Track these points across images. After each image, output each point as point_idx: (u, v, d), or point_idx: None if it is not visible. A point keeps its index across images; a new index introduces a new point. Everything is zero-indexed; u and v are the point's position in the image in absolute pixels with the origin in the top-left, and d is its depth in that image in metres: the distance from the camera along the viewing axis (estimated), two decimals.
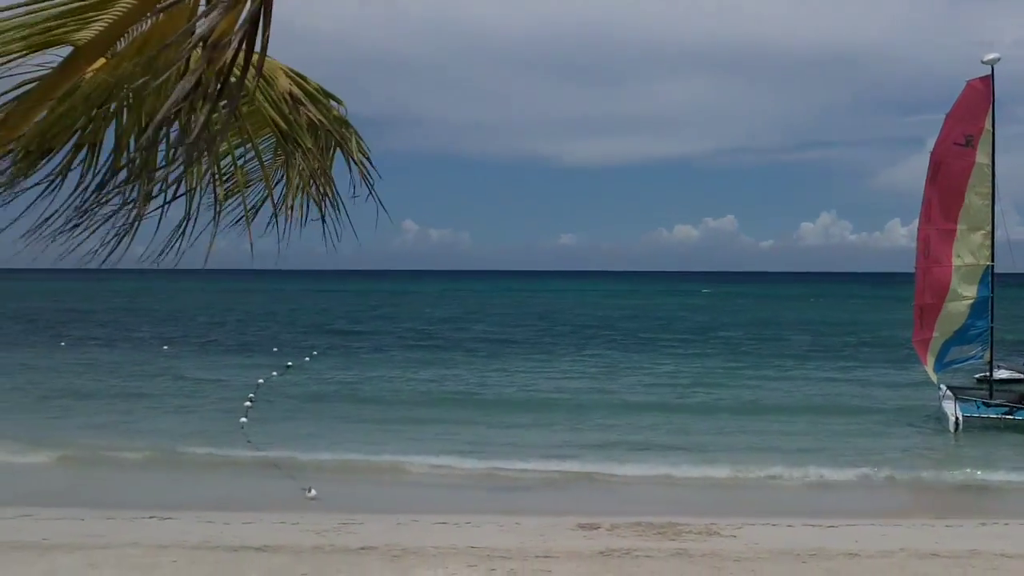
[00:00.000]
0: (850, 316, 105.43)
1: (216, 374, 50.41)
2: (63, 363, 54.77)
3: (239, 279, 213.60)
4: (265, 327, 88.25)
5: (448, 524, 19.89)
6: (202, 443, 30.18)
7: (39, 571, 15.56)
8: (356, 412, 37.78)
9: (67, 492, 23.21)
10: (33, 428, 32.07)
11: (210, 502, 21.94)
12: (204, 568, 15.89)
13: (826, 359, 58.45)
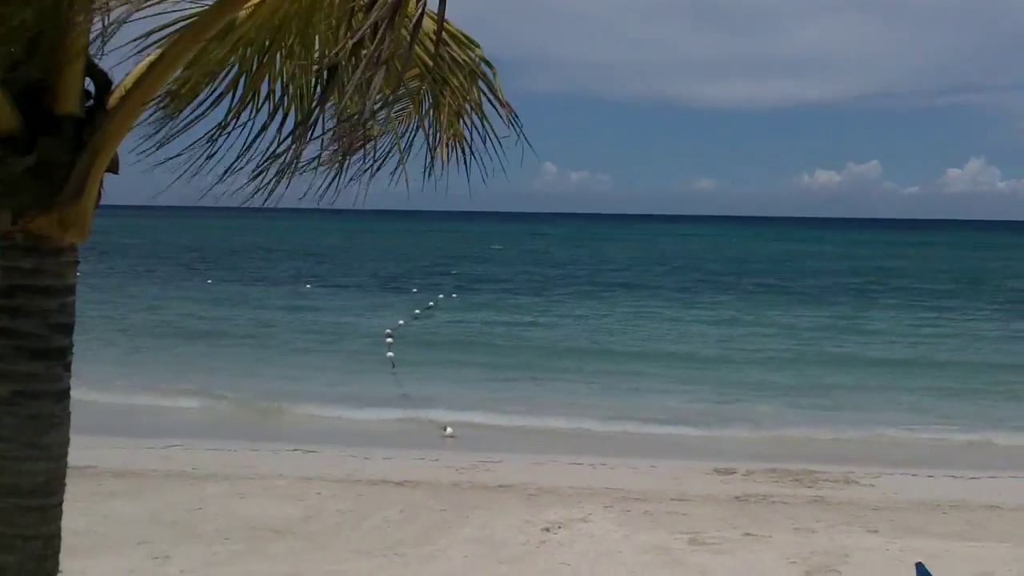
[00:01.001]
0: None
1: (357, 312, 51.28)
2: (209, 299, 56.26)
3: (370, 219, 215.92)
4: (406, 267, 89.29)
5: (583, 465, 20.08)
6: (341, 380, 30.85)
7: (190, 498, 16.17)
8: (492, 353, 38.11)
9: (214, 425, 23.92)
10: (179, 365, 33.09)
11: (351, 437, 22.45)
12: (346, 501, 16.34)
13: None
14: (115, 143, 5.62)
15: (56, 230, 5.49)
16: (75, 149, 5.49)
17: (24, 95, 5.40)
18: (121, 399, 25.30)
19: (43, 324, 5.54)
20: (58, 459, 5.69)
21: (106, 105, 5.65)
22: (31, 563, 5.61)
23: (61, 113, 5.46)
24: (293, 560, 13.08)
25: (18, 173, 5.38)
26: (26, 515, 5.58)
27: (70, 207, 5.46)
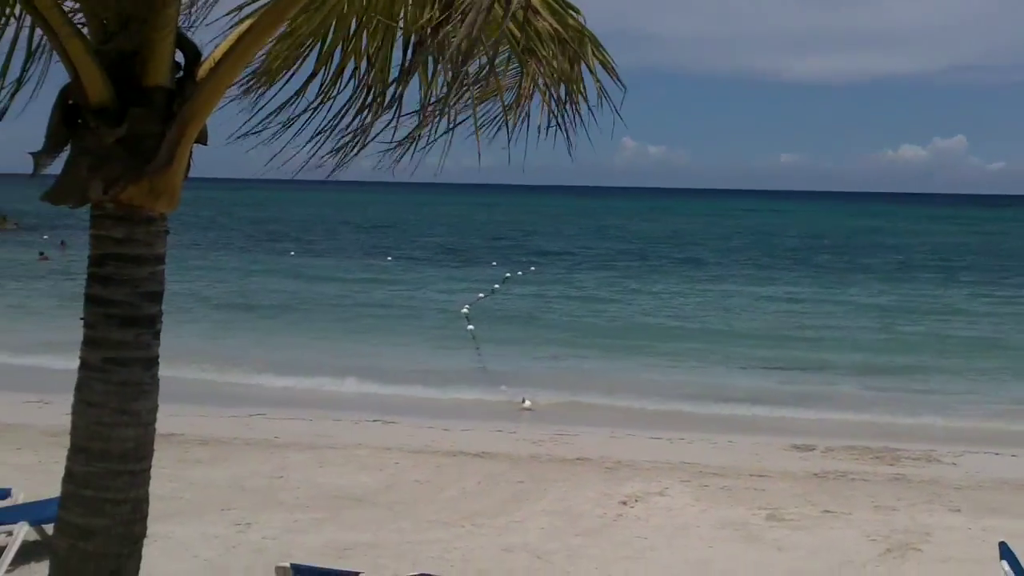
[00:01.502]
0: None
1: (436, 286, 51.57)
2: (290, 272, 56.82)
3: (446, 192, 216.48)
4: (484, 241, 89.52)
5: (661, 440, 20.06)
6: (420, 352, 31.04)
7: (272, 466, 16.39)
8: (568, 327, 38.14)
9: (295, 395, 24.18)
10: (259, 337, 33.48)
11: (430, 409, 22.60)
12: (425, 470, 16.47)
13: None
14: (204, 114, 5.69)
15: (146, 200, 5.57)
16: (165, 120, 5.56)
17: (116, 66, 5.47)
18: (206, 369, 25.65)
19: (133, 292, 5.63)
20: (147, 425, 5.79)
21: (195, 77, 5.72)
22: (120, 526, 5.72)
23: (152, 84, 5.53)
24: (373, 529, 13.21)
25: (109, 144, 5.46)
26: (116, 479, 5.69)
27: (160, 177, 5.54)
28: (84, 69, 5.37)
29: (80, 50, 5.34)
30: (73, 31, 5.33)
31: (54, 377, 23.14)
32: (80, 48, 5.34)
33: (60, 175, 5.67)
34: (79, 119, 5.57)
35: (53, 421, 18.67)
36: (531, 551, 12.52)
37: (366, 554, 12.08)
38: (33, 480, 14.02)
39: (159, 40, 5.46)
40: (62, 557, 5.74)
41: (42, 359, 25.82)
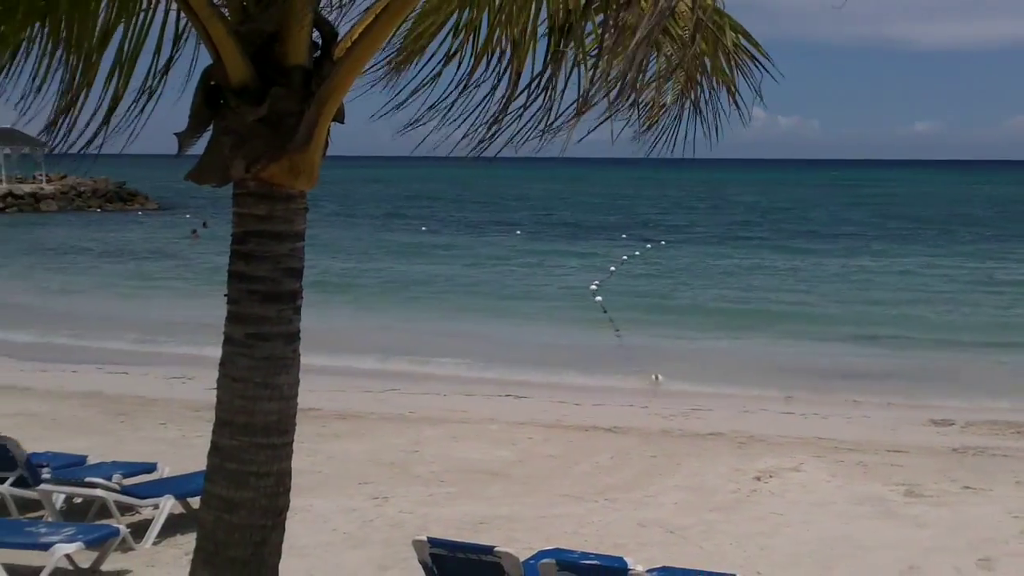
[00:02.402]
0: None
1: (565, 259, 51.64)
2: (422, 247, 57.39)
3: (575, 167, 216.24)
4: (615, 216, 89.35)
5: (794, 414, 19.82)
6: (550, 327, 31.11)
7: (407, 440, 16.59)
8: (700, 301, 37.88)
9: (427, 370, 24.39)
10: (392, 312, 33.90)
11: (562, 382, 22.63)
12: (557, 445, 16.51)
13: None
14: (341, 93, 5.77)
15: (286, 177, 5.67)
16: (304, 99, 5.65)
17: (256, 48, 5.58)
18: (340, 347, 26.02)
19: (275, 268, 5.75)
20: (289, 399, 5.91)
21: (333, 56, 5.80)
22: (264, 499, 5.86)
23: (290, 64, 5.62)
24: (507, 502, 13.29)
25: (250, 123, 5.57)
26: (259, 452, 5.82)
27: (299, 155, 5.64)
28: (225, 51, 5.49)
29: (221, 32, 5.45)
30: (215, 14, 5.45)
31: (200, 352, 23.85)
32: (221, 30, 5.45)
33: (203, 155, 5.81)
34: (221, 100, 5.69)
35: (196, 396, 19.19)
36: (665, 526, 12.47)
37: (500, 528, 12.16)
38: (177, 454, 14.42)
39: (297, 20, 5.55)
40: (209, 528, 5.90)
41: (192, 335, 26.45)
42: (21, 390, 20.16)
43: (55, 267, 46.89)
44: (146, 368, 23.11)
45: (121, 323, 31.22)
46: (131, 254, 53.07)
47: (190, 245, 59.48)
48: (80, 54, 5.76)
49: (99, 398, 19.45)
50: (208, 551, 5.90)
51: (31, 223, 71.55)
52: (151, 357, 24.68)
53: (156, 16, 5.92)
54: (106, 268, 47.31)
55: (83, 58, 5.78)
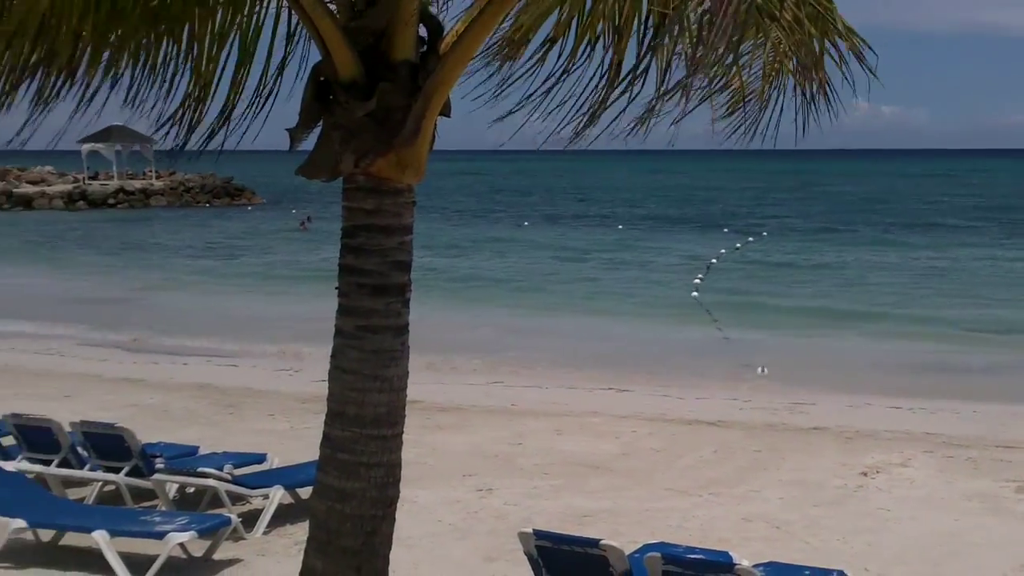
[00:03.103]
0: None
1: (669, 252, 51.44)
2: (517, 241, 57.57)
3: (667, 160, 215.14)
4: (717, 207, 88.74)
5: (902, 409, 19.51)
6: (653, 319, 31.00)
7: (511, 433, 16.66)
8: (804, 293, 37.48)
9: (531, 362, 24.42)
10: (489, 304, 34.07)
11: (664, 377, 22.53)
12: (661, 439, 16.47)
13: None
14: (448, 87, 5.83)
15: (394, 171, 5.75)
16: (411, 94, 5.72)
17: (364, 43, 5.65)
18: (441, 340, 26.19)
19: (383, 262, 5.82)
20: (398, 391, 5.99)
21: (439, 51, 5.86)
22: (374, 490, 5.94)
23: (398, 59, 5.69)
24: (611, 496, 13.29)
25: (359, 118, 5.65)
26: (369, 444, 5.91)
27: (407, 149, 5.70)
28: (335, 47, 5.57)
29: (331, 28, 5.53)
30: (324, 11, 5.53)
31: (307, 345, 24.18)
32: (331, 27, 5.54)
33: (313, 150, 5.90)
34: (330, 95, 5.78)
35: (303, 388, 19.48)
36: (770, 521, 12.39)
37: (604, 521, 12.16)
38: (286, 445, 14.66)
39: (405, 16, 5.61)
40: (321, 518, 5.99)
41: (299, 328, 26.83)
42: (133, 382, 20.63)
43: (163, 261, 47.87)
44: (254, 360, 23.50)
45: (229, 315, 31.82)
46: (239, 248, 54.02)
47: (301, 231, 61.07)
48: (200, 54, 5.85)
49: (209, 390, 19.83)
50: (321, 540, 5.99)
51: (141, 218, 73.16)
52: (259, 349, 25.06)
53: (268, 16, 6.03)
54: (214, 262, 48.21)
55: (201, 58, 5.87)
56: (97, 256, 49.36)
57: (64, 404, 17.14)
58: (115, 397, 18.81)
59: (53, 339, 26.43)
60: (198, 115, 6.01)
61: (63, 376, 21.14)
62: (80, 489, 12.83)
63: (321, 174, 5.87)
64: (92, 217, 74.49)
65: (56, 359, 23.69)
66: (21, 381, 20.38)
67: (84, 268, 44.59)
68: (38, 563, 10.60)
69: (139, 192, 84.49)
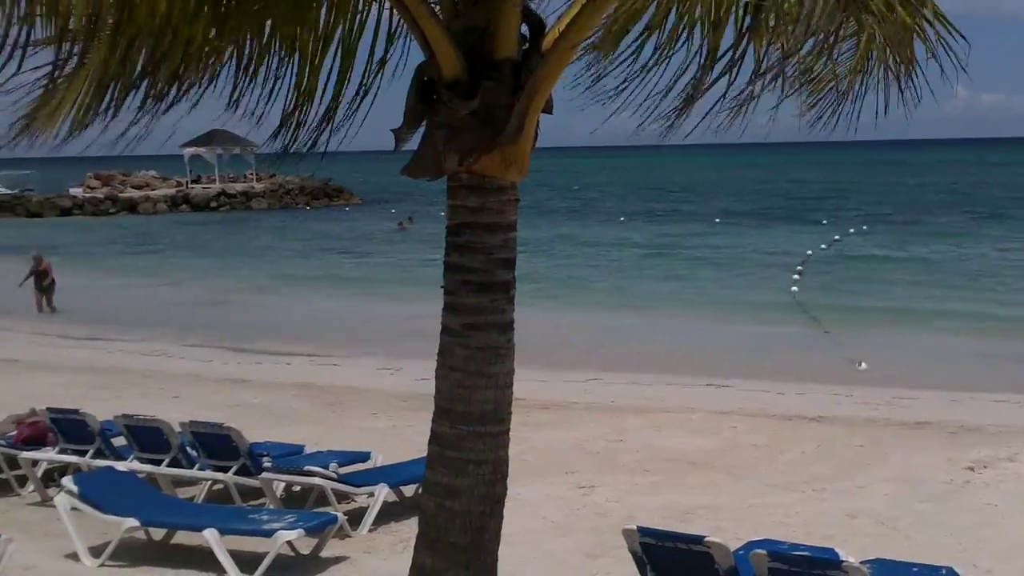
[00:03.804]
0: None
1: (765, 243, 51.06)
2: (619, 237, 57.51)
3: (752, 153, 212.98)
4: (812, 200, 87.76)
5: (1008, 403, 19.15)
6: (748, 313, 30.76)
7: (611, 429, 16.65)
8: (905, 286, 36.94)
9: (629, 358, 24.38)
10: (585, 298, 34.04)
11: (763, 372, 22.34)
12: (762, 435, 16.35)
13: None
14: (550, 85, 5.85)
15: (498, 169, 5.79)
16: (513, 91, 5.75)
17: (467, 42, 5.70)
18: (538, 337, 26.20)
19: (488, 259, 5.87)
20: (504, 388, 6.03)
21: (540, 48, 5.89)
22: (482, 486, 5.99)
23: (501, 58, 5.73)
24: (712, 492, 13.24)
25: (463, 116, 5.70)
26: (477, 441, 5.96)
27: (510, 147, 5.74)
28: (438, 46, 5.63)
29: (434, 28, 5.59)
30: (428, 12, 5.58)
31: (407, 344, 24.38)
32: (434, 26, 5.59)
33: (417, 149, 5.97)
34: (434, 95, 5.83)
35: (405, 387, 19.66)
36: (875, 517, 12.25)
37: (706, 518, 12.11)
38: (389, 443, 14.81)
39: (507, 14, 5.65)
40: (430, 515, 6.06)
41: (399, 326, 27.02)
42: (237, 382, 20.97)
43: (266, 263, 48.55)
44: (355, 359, 23.72)
45: (330, 315, 32.23)
46: (340, 249, 54.69)
47: (399, 231, 61.98)
48: (302, 57, 5.91)
49: (311, 389, 20.07)
50: (430, 537, 6.06)
51: (242, 220, 74.28)
52: (360, 348, 25.29)
53: (370, 17, 6.09)
54: (315, 262, 48.83)
55: (304, 61, 5.93)
56: (200, 258, 50.25)
57: (171, 404, 17.48)
58: (220, 397, 19.14)
59: (158, 340, 26.95)
60: (300, 117, 6.07)
61: (169, 377, 21.57)
62: (189, 488, 13.09)
63: (425, 173, 5.94)
64: (195, 220, 75.88)
65: (162, 360, 24.17)
66: (129, 382, 20.84)
67: (188, 270, 45.43)
68: (150, 561, 10.83)
69: (240, 195, 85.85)
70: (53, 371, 22.19)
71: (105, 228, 69.91)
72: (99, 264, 48.29)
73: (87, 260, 49.73)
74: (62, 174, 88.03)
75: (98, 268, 46.47)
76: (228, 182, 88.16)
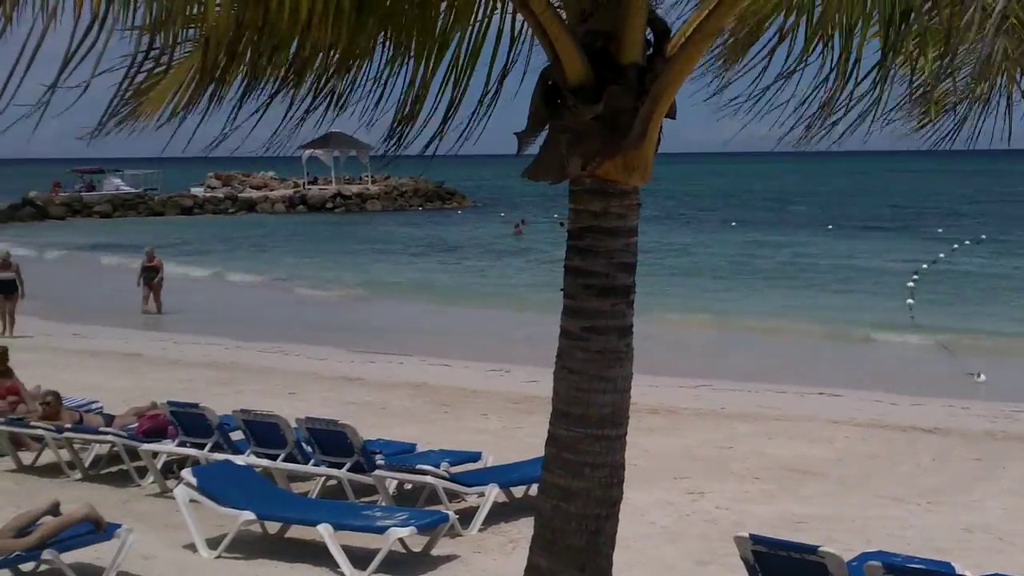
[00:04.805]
0: None
1: (880, 254, 50.36)
2: (731, 242, 57.16)
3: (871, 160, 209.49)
4: (930, 209, 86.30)
5: None
6: (865, 321, 30.33)
7: (721, 436, 16.55)
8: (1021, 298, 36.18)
9: (736, 367, 24.22)
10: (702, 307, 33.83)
11: (876, 381, 22.02)
12: (876, 445, 16.13)
13: None
14: (674, 89, 5.85)
15: (621, 174, 5.80)
16: (638, 96, 5.76)
17: (592, 47, 5.73)
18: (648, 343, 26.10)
19: (609, 263, 5.89)
20: (622, 392, 6.04)
21: (665, 53, 5.89)
22: (599, 489, 6.01)
23: (626, 62, 5.74)
24: (826, 502, 13.08)
25: (587, 121, 5.72)
26: (594, 444, 5.98)
27: (634, 152, 5.75)
28: (564, 51, 5.66)
29: (560, 32, 5.62)
30: (554, 16, 5.62)
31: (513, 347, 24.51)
32: (560, 31, 5.62)
33: (540, 153, 6.01)
34: (558, 99, 5.87)
35: (515, 388, 19.75)
36: (993, 532, 12.01)
37: (819, 528, 11.96)
38: (499, 444, 14.89)
39: (633, 19, 5.67)
40: (546, 517, 6.09)
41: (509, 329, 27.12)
42: (351, 380, 21.23)
43: (381, 264, 49.16)
44: (467, 361, 23.85)
45: (442, 317, 32.51)
46: (455, 251, 55.27)
47: (515, 235, 62.65)
48: (419, 60, 5.98)
49: (424, 389, 20.23)
50: (546, 538, 6.09)
51: (358, 222, 75.25)
52: (472, 351, 25.41)
53: (491, 20, 6.14)
54: (430, 264, 49.37)
55: (420, 64, 5.99)
56: (315, 258, 51.02)
57: (288, 401, 17.76)
58: (334, 394, 19.40)
59: (276, 338, 27.37)
60: (413, 122, 6.11)
61: (285, 374, 21.92)
62: (303, 483, 13.30)
63: (548, 177, 5.97)
64: (311, 220, 77.10)
65: (278, 357, 24.57)
66: (247, 378, 21.24)
67: (302, 270, 46.13)
68: (265, 554, 11.01)
69: (355, 196, 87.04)
70: (173, 366, 22.72)
71: (224, 227, 71.36)
72: (216, 262, 49.31)
73: (203, 257, 50.85)
74: (186, 174, 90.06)
75: (215, 266, 47.46)
76: (344, 184, 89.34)
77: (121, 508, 12.33)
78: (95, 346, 25.68)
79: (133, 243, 51.67)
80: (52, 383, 16.41)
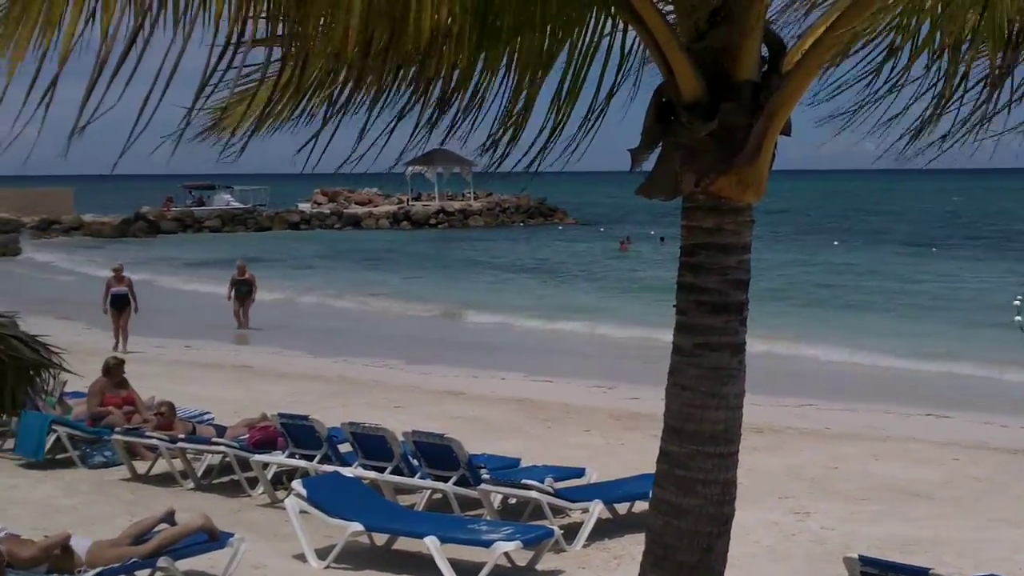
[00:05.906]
0: None
1: (985, 273, 49.49)
2: (832, 262, 56.53)
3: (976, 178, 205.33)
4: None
5: None
6: (973, 342, 29.70)
7: (826, 456, 16.38)
8: None
9: (844, 386, 23.87)
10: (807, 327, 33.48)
11: (986, 403, 21.50)
12: (985, 467, 15.89)
13: None
14: (790, 106, 5.84)
15: (734, 191, 5.80)
16: (752, 113, 5.76)
17: (706, 63, 5.74)
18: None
19: (722, 280, 5.89)
20: (734, 409, 6.02)
21: (780, 69, 5.88)
22: (710, 506, 6.00)
23: (740, 79, 5.74)
24: (935, 525, 12.87)
25: (700, 138, 5.73)
26: (706, 461, 5.97)
27: (747, 168, 5.75)
28: (678, 67, 5.67)
29: (675, 49, 5.64)
30: (671, 33, 5.64)
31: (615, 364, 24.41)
32: (675, 47, 5.64)
33: (653, 169, 6.02)
34: (671, 116, 5.89)
35: (617, 405, 19.74)
36: None
37: (928, 550, 11.80)
38: (602, 460, 14.90)
39: (748, 36, 5.66)
40: (657, 533, 6.09)
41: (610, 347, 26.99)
42: (455, 394, 21.39)
43: (485, 280, 49.45)
44: (569, 377, 23.86)
45: (544, 333, 32.57)
46: (562, 268, 55.48)
47: (621, 252, 63.02)
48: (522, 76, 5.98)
49: (527, 404, 20.30)
50: (657, 555, 6.09)
51: (461, 238, 75.74)
52: (575, 368, 25.41)
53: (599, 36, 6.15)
54: (536, 281, 49.61)
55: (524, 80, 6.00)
56: (419, 274, 51.47)
57: (393, 414, 17.95)
58: (438, 408, 19.55)
59: (381, 352, 27.64)
60: (513, 139, 6.11)
61: (391, 387, 22.16)
62: (409, 496, 13.43)
63: (661, 193, 5.98)
64: (415, 236, 77.87)
65: (384, 371, 24.84)
66: (354, 391, 21.51)
67: (406, 286, 46.50)
68: (373, 566, 11.16)
69: (458, 212, 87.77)
70: (283, 378, 23.09)
71: (329, 242, 72.28)
72: (320, 277, 49.93)
73: (308, 272, 51.55)
74: (293, 189, 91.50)
75: (319, 281, 48.03)
76: (447, 200, 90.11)
77: (232, 517, 12.56)
78: (206, 358, 26.19)
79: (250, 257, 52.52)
80: (165, 394, 16.79)
